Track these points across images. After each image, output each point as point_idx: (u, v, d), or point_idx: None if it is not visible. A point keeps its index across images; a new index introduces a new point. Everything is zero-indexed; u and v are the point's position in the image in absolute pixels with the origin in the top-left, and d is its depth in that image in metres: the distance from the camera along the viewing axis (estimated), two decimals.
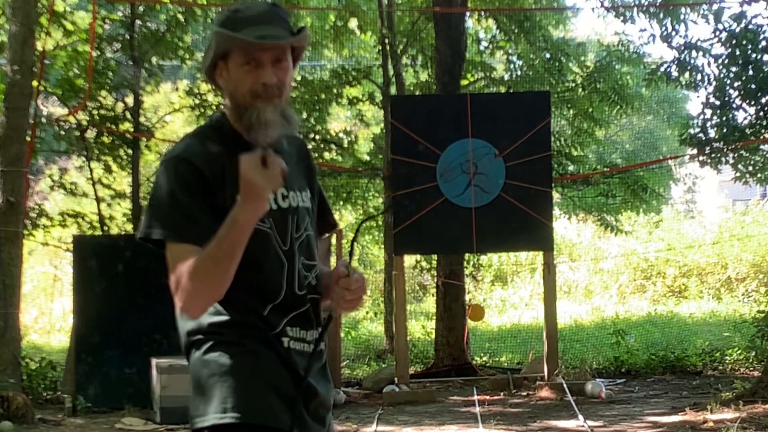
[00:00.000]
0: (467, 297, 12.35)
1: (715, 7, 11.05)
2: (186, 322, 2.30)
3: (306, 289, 2.34)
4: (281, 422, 2.24)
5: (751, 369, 10.53)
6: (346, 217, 19.08)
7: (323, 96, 13.94)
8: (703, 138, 11.04)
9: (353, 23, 14.49)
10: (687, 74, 11.09)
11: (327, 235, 2.68)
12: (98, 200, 12.48)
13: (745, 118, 10.97)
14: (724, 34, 10.67)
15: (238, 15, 2.26)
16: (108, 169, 12.67)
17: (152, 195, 2.29)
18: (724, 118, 10.78)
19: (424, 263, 14.59)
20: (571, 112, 14.17)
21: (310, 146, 14.10)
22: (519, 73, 14.30)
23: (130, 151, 12.36)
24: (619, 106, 13.85)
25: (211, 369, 2.24)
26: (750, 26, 10.56)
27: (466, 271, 12.73)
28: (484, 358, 12.42)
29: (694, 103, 35.30)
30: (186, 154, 2.26)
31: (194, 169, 2.22)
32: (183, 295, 2.17)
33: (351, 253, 2.40)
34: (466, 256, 12.36)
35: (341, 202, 15.31)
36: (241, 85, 2.25)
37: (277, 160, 2.14)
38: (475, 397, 9.11)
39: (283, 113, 2.27)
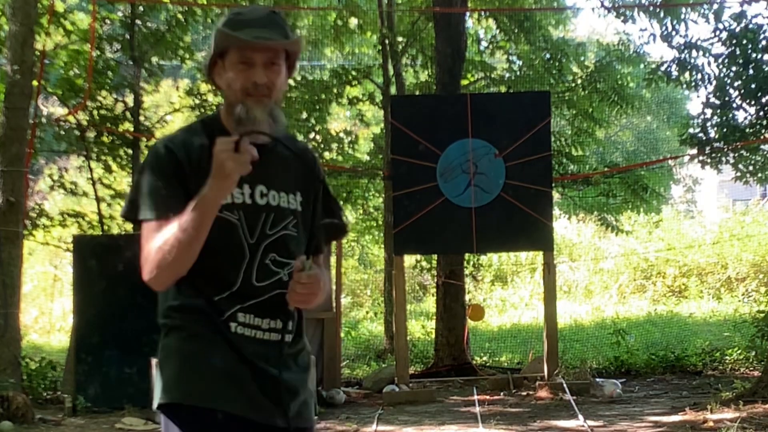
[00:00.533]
0: (467, 297, 12.35)
1: (715, 6, 11.05)
2: (160, 304, 2.45)
3: (269, 282, 2.42)
4: (218, 403, 2.34)
5: (751, 369, 10.53)
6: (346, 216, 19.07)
7: (323, 96, 13.95)
8: (704, 138, 11.04)
9: (353, 23, 14.49)
10: (687, 74, 11.09)
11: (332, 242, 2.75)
12: (98, 200, 12.48)
13: (745, 118, 10.97)
14: (724, 34, 10.66)
15: (238, 17, 2.40)
16: (108, 169, 12.67)
17: (135, 180, 2.44)
18: (725, 118, 10.78)
19: (424, 263, 14.59)
20: (572, 111, 14.18)
21: (310, 146, 14.15)
22: (519, 73, 14.31)
23: (130, 151, 12.36)
24: (619, 106, 13.86)
25: (164, 353, 2.41)
26: (750, 26, 10.55)
27: (466, 271, 12.74)
28: (484, 358, 12.42)
29: (695, 103, 35.32)
30: (167, 141, 2.43)
31: (171, 155, 2.37)
32: (148, 267, 2.32)
33: (308, 253, 2.45)
34: (466, 256, 12.36)
35: (341, 202, 15.32)
36: (234, 82, 2.39)
37: (250, 148, 2.24)
38: (475, 397, 9.11)
39: (272, 113, 2.39)
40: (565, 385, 9.18)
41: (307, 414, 2.55)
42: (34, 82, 9.60)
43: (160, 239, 2.29)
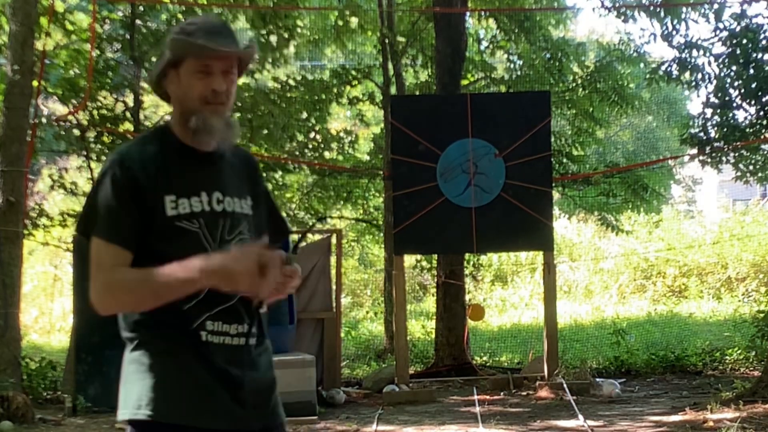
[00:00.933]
0: (467, 297, 12.34)
1: (716, 6, 11.04)
2: (123, 318, 2.45)
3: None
4: (195, 420, 2.34)
5: (751, 369, 10.52)
6: (346, 216, 19.08)
7: (323, 96, 13.95)
8: (704, 137, 11.03)
9: (354, 22, 14.49)
10: (687, 73, 11.08)
11: (284, 242, 2.80)
12: None
13: (745, 118, 10.97)
14: (724, 33, 10.66)
15: (193, 26, 2.42)
16: None
17: (90, 193, 2.43)
18: (725, 118, 10.78)
19: (424, 263, 14.59)
20: (572, 111, 14.18)
21: (311, 146, 14.12)
22: (519, 72, 14.30)
23: None
24: (619, 106, 13.86)
25: (134, 367, 2.37)
26: (751, 25, 10.54)
27: (466, 271, 12.73)
28: (484, 358, 12.42)
29: (695, 103, 35.32)
30: (123, 157, 2.39)
31: (128, 173, 2.35)
32: (103, 298, 2.35)
33: (296, 248, 2.46)
34: (466, 256, 12.36)
35: (341, 202, 15.32)
36: (192, 90, 2.40)
37: (272, 276, 2.27)
38: (475, 397, 9.11)
39: (226, 121, 2.43)
40: (565, 385, 9.18)
41: (279, 410, 2.55)
42: (34, 82, 9.60)
43: (126, 274, 2.31)
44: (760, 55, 10.54)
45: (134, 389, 2.36)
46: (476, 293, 17.47)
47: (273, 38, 13.25)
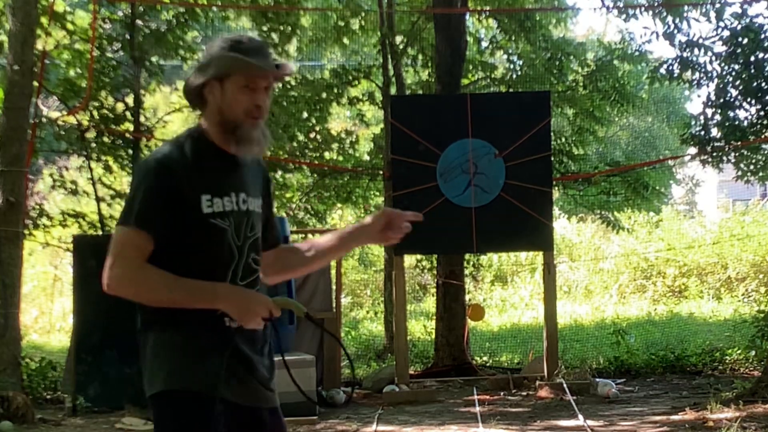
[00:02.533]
0: (467, 297, 12.34)
1: (717, 5, 11.03)
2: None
3: (251, 279, 2.73)
4: (217, 391, 2.61)
5: (751, 369, 10.52)
6: (346, 216, 19.09)
7: (324, 95, 13.94)
8: (705, 136, 11.03)
9: (356, 23, 14.49)
10: (689, 72, 11.07)
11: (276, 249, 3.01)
12: (98, 200, 12.48)
13: (745, 118, 10.97)
14: (725, 32, 10.65)
15: (242, 45, 2.65)
16: (108, 169, 12.66)
17: (130, 192, 2.66)
18: (725, 117, 10.77)
19: (424, 262, 14.58)
20: (572, 111, 14.17)
21: (311, 146, 14.12)
22: (519, 72, 14.30)
23: (130, 151, 12.36)
24: (620, 105, 13.86)
25: (166, 347, 2.65)
26: (752, 25, 10.53)
27: (466, 271, 12.73)
28: (484, 358, 12.42)
29: (695, 103, 35.32)
30: (164, 158, 2.64)
31: (168, 173, 2.60)
32: (121, 285, 2.60)
33: (308, 316, 2.91)
34: (466, 256, 12.35)
35: (342, 202, 15.32)
36: (237, 104, 2.65)
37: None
38: (475, 397, 9.10)
39: (263, 132, 2.72)
40: (565, 385, 9.18)
41: (275, 395, 2.80)
42: (35, 83, 9.59)
43: (152, 274, 2.57)
44: (761, 55, 10.54)
45: (165, 365, 2.63)
46: (476, 293, 17.47)
47: (275, 35, 13.26)
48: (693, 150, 11.58)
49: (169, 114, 14.12)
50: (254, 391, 2.70)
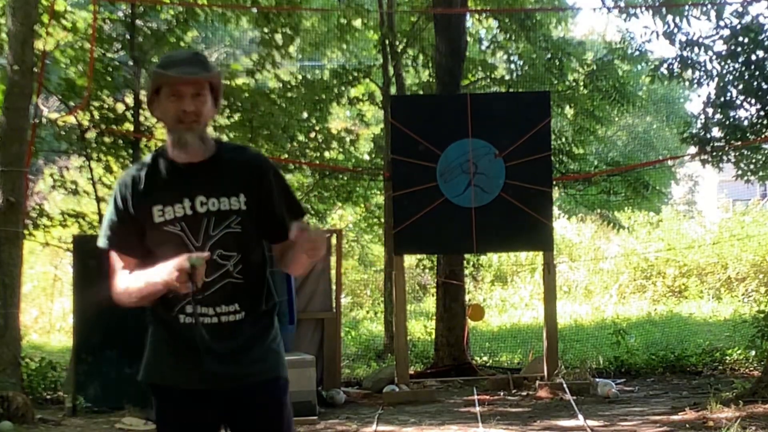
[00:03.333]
0: (467, 297, 12.34)
1: (717, 3, 11.02)
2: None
3: (218, 275, 2.94)
4: (170, 380, 2.99)
5: (751, 369, 10.52)
6: (346, 216, 19.10)
7: (324, 95, 13.94)
8: (706, 136, 11.02)
9: (358, 24, 14.48)
10: (689, 71, 11.06)
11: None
12: (98, 200, 12.47)
13: (745, 118, 10.96)
14: (725, 31, 10.64)
15: (168, 59, 2.94)
16: (108, 169, 12.66)
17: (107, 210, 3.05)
18: (726, 117, 10.77)
19: (426, 262, 14.58)
20: (572, 111, 14.17)
21: (311, 146, 14.10)
22: (520, 72, 14.30)
23: (130, 151, 12.36)
24: (620, 104, 13.85)
25: (147, 342, 3.08)
26: (752, 25, 10.52)
27: (466, 271, 12.73)
28: (484, 358, 12.42)
29: (694, 103, 35.30)
30: (119, 182, 3.02)
31: (121, 194, 2.96)
32: (115, 297, 2.98)
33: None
34: (466, 256, 12.35)
35: (342, 203, 15.31)
36: (167, 112, 2.89)
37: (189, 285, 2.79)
38: (475, 397, 9.11)
39: (201, 137, 2.92)
40: (565, 385, 9.18)
41: (258, 368, 3.00)
42: (35, 83, 9.59)
43: (125, 281, 2.94)
44: (761, 54, 10.53)
45: (144, 357, 3.07)
46: (476, 293, 17.46)
47: (277, 36, 13.26)
48: (693, 149, 11.57)
49: None
50: (205, 377, 2.94)
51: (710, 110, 10.96)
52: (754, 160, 11.66)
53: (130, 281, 2.92)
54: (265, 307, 3.04)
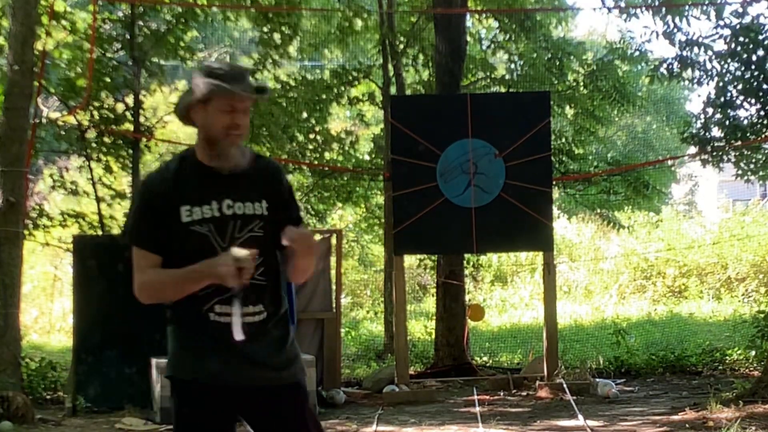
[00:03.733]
0: (467, 297, 12.34)
1: (717, 3, 11.01)
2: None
3: None
4: (194, 375, 3.05)
5: (751, 369, 10.52)
6: (346, 216, 19.10)
7: (324, 96, 13.94)
8: (706, 136, 11.02)
9: (359, 24, 14.48)
10: (689, 71, 11.05)
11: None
12: (98, 200, 12.48)
13: (745, 118, 10.96)
14: (725, 30, 10.64)
15: (221, 71, 3.00)
16: (108, 169, 12.66)
17: (129, 212, 3.21)
18: (726, 116, 10.76)
19: (428, 261, 14.58)
20: (572, 111, 14.16)
21: (311, 146, 14.11)
22: (520, 72, 14.29)
23: (130, 151, 12.36)
24: (620, 104, 13.85)
25: (169, 337, 3.15)
26: (752, 25, 10.52)
27: (466, 271, 12.72)
28: (484, 358, 12.42)
29: (694, 103, 35.31)
30: (146, 180, 3.19)
31: (149, 193, 3.08)
32: (140, 294, 3.08)
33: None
34: (466, 256, 12.35)
35: (342, 202, 15.31)
36: (216, 123, 2.99)
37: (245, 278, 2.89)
38: (475, 397, 9.10)
39: (241, 149, 3.07)
40: (565, 385, 9.18)
41: (290, 372, 3.11)
42: (35, 82, 9.58)
43: (151, 275, 3.03)
44: (761, 54, 10.52)
45: (168, 354, 3.13)
46: (476, 293, 17.46)
47: (276, 36, 13.25)
48: (693, 149, 11.57)
49: (169, 114, 14.11)
50: (231, 375, 3.03)
51: (710, 110, 10.96)
52: (754, 160, 11.66)
53: (164, 276, 3.02)
54: (282, 310, 3.16)
